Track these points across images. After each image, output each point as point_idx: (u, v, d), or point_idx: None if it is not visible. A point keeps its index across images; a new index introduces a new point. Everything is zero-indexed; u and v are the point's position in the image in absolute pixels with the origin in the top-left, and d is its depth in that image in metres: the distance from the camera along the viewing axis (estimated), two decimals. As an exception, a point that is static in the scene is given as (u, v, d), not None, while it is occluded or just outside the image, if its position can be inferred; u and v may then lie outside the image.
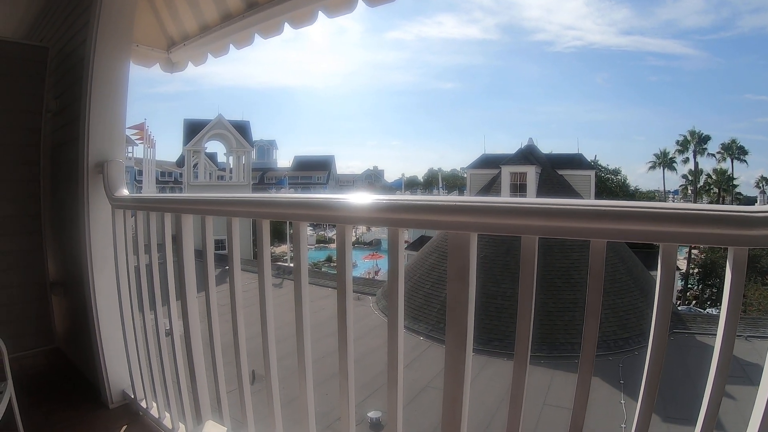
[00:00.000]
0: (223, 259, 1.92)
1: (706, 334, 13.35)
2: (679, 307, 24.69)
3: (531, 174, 22.22)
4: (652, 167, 47.63)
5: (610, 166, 50.44)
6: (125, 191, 2.46)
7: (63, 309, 3.43)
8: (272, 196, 1.69)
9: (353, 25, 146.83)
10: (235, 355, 1.79)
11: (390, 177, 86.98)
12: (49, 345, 3.52)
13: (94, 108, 2.56)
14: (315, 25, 2.49)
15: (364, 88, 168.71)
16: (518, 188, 22.35)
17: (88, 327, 2.71)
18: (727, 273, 0.94)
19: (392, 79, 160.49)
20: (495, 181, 23.38)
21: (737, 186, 45.40)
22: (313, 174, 70.12)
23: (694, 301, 32.27)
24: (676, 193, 50.58)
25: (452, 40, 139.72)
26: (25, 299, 3.45)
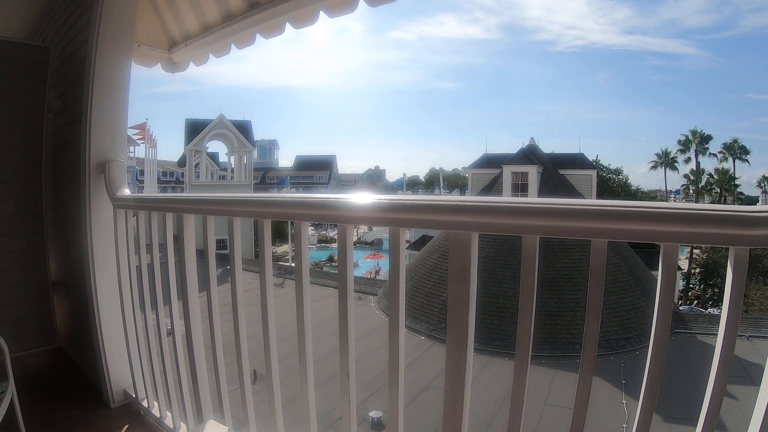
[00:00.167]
0: (224, 258, 1.93)
1: (707, 334, 13.31)
2: (680, 307, 24.65)
3: (532, 174, 22.19)
4: (654, 167, 47.64)
5: (612, 166, 50.38)
6: (127, 191, 2.46)
7: (64, 308, 3.44)
8: (274, 196, 1.69)
9: (354, 25, 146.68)
10: (237, 355, 1.79)
11: (391, 177, 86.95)
12: (50, 344, 3.53)
13: (95, 108, 2.57)
14: (316, 24, 2.50)
15: (366, 87, 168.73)
16: (520, 188, 22.32)
17: (89, 326, 2.71)
18: (729, 273, 0.94)
19: (394, 79, 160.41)
20: (496, 181, 23.35)
21: (739, 186, 45.40)
22: (315, 174, 70.07)
23: (695, 301, 32.21)
24: (677, 192, 50.52)
25: (454, 39, 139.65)
26: (27, 299, 3.45)
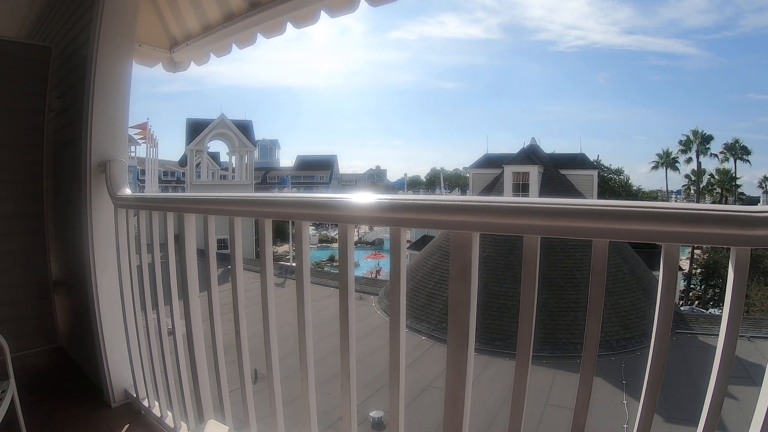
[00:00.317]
0: (225, 258, 1.93)
1: (708, 334, 13.30)
2: (681, 308, 24.63)
3: (533, 174, 22.17)
4: (655, 167, 47.58)
5: (613, 166, 50.28)
6: (128, 191, 2.47)
7: (65, 308, 3.44)
8: (275, 196, 1.70)
9: (355, 25, 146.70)
10: (237, 355, 1.79)
11: (392, 177, 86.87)
12: (51, 344, 3.53)
13: (96, 107, 2.57)
14: (317, 24, 2.50)
15: (367, 87, 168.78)
16: (521, 188, 22.31)
17: (90, 326, 2.72)
18: (730, 273, 0.93)
19: (394, 79, 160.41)
20: (498, 181, 23.33)
21: (740, 186, 45.35)
22: (316, 173, 70.08)
23: (696, 302, 32.18)
24: (678, 193, 50.48)
25: (454, 39, 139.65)
26: (28, 298, 3.46)
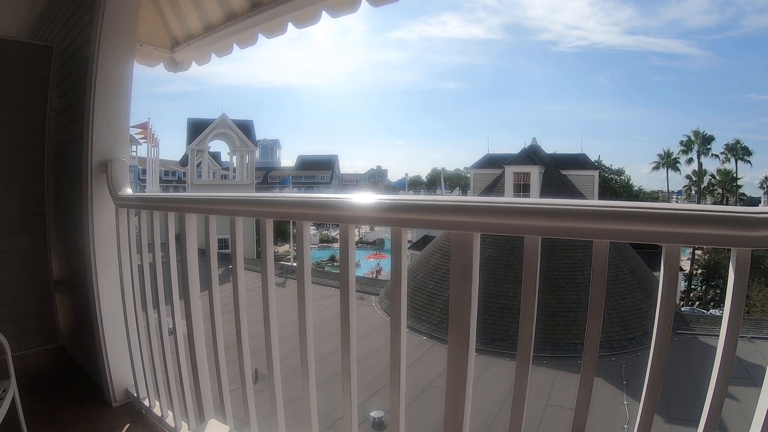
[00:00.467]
0: (226, 258, 1.93)
1: (709, 335, 13.29)
2: (682, 308, 24.61)
3: (534, 174, 22.14)
4: (656, 167, 47.49)
5: (614, 167, 50.13)
6: (129, 190, 2.47)
7: (66, 308, 3.44)
8: (276, 196, 1.70)
9: (357, 25, 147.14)
10: (238, 354, 1.79)
11: (393, 177, 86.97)
12: (52, 343, 3.54)
13: (98, 107, 2.57)
14: (318, 24, 2.49)
15: (368, 87, 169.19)
16: (522, 188, 22.28)
17: (91, 325, 2.72)
18: (730, 274, 0.93)
19: (395, 79, 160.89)
20: (498, 181, 23.31)
21: (741, 186, 45.18)
22: (317, 173, 70.13)
23: (697, 302, 32.13)
24: (679, 193, 50.43)
25: (456, 39, 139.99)
26: (29, 298, 3.46)
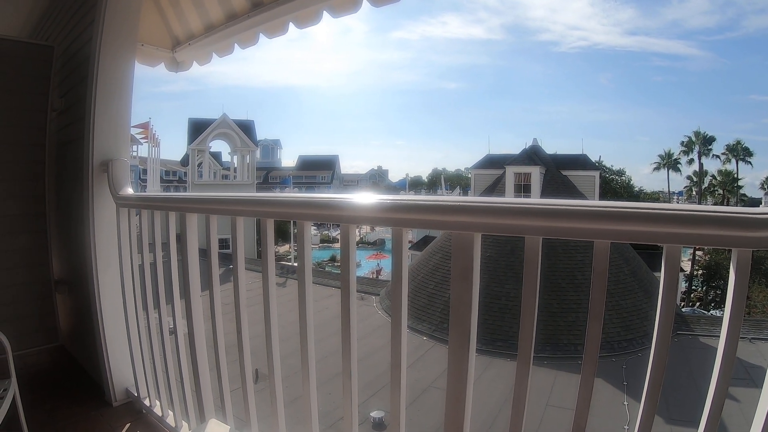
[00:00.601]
0: (227, 258, 1.93)
1: (709, 335, 13.28)
2: (682, 309, 24.59)
3: (535, 174, 22.13)
4: (657, 168, 47.43)
5: (615, 167, 50.02)
6: (130, 190, 2.47)
7: (67, 307, 3.45)
8: (276, 196, 1.70)
9: (358, 25, 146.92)
10: (239, 354, 1.79)
11: (394, 177, 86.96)
12: (53, 343, 3.54)
13: (99, 107, 2.57)
14: (320, 24, 2.49)
15: (369, 87, 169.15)
16: (522, 189, 22.27)
17: (92, 325, 2.72)
18: (731, 275, 0.93)
19: (396, 79, 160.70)
20: (499, 182, 23.30)
21: (742, 187, 45.08)
22: (318, 173, 70.12)
23: (697, 303, 32.12)
24: (680, 194, 50.36)
25: (457, 39, 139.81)
26: (30, 297, 3.46)
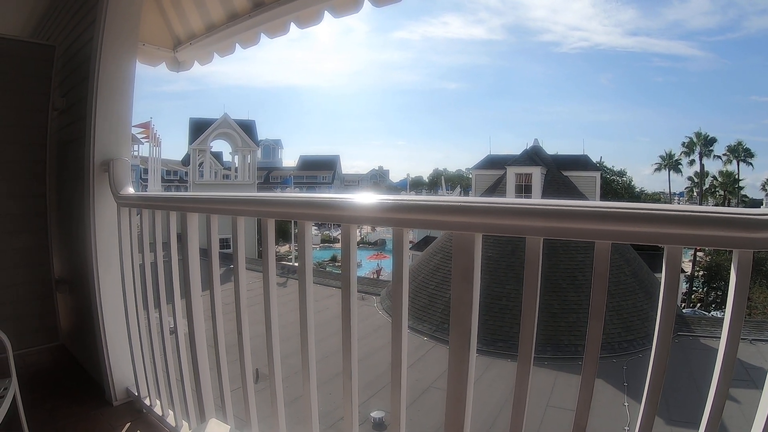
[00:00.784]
0: (227, 257, 1.93)
1: (710, 336, 13.26)
2: (683, 310, 24.56)
3: (536, 175, 22.12)
4: (658, 169, 47.42)
5: (616, 168, 49.94)
6: (131, 189, 2.47)
7: (68, 306, 3.45)
8: (277, 196, 1.70)
9: (359, 25, 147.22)
10: (239, 354, 1.79)
11: (395, 177, 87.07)
12: (53, 342, 3.54)
13: (100, 106, 2.57)
14: (321, 24, 2.50)
15: (370, 87, 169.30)
16: (523, 189, 22.25)
17: (92, 324, 2.72)
18: (732, 276, 0.93)
19: (397, 79, 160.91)
20: (500, 182, 23.30)
21: (743, 188, 45.01)
22: (319, 173, 70.15)
23: (698, 304, 32.07)
24: (681, 195, 50.30)
25: (458, 40, 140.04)
26: (31, 296, 3.47)
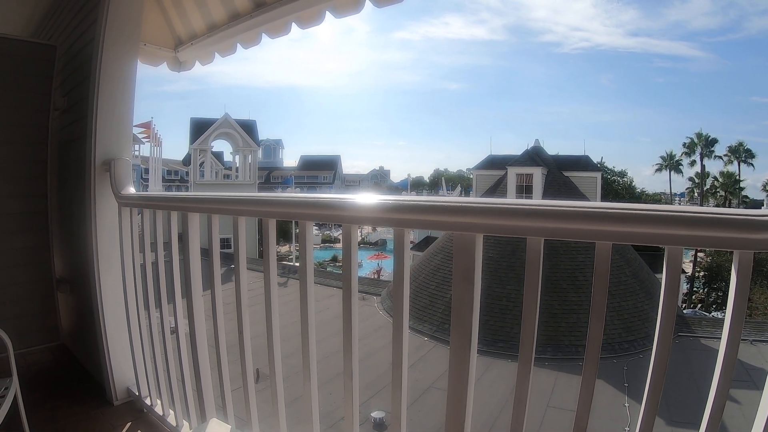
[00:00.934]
0: (228, 257, 1.93)
1: (710, 337, 13.25)
2: (684, 310, 24.54)
3: (537, 175, 22.12)
4: (659, 170, 47.36)
5: (616, 168, 49.87)
6: (132, 189, 2.47)
7: (69, 306, 3.45)
8: (278, 196, 1.70)
9: (360, 25, 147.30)
10: (240, 354, 1.79)
11: (396, 177, 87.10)
12: (54, 342, 3.54)
13: (101, 106, 2.58)
14: (322, 25, 2.49)
15: (371, 87, 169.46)
16: (524, 190, 22.25)
17: (93, 324, 2.72)
18: (733, 276, 0.93)
19: (399, 79, 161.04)
20: (501, 183, 23.30)
21: (744, 189, 44.97)
22: (319, 174, 70.16)
23: (699, 305, 32.04)
24: (682, 195, 50.26)
25: (459, 40, 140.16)
26: (32, 296, 3.47)
